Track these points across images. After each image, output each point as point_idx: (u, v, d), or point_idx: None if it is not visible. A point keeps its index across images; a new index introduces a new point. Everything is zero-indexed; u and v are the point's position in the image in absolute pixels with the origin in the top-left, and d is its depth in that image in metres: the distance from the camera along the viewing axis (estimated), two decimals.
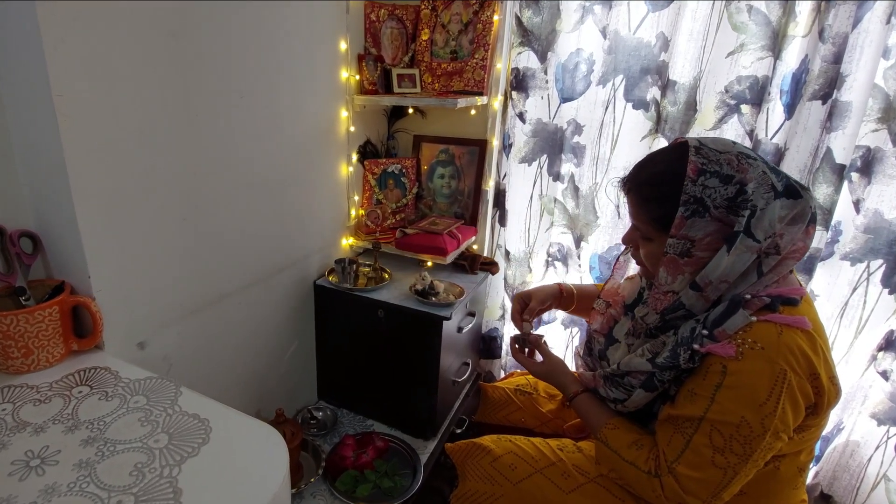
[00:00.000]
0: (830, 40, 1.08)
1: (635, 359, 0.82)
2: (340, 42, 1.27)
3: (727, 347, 0.71)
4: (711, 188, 0.72)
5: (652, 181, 0.78)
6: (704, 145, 0.75)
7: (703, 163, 0.73)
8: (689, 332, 0.76)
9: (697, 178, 0.72)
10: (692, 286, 0.76)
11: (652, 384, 0.79)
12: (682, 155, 0.75)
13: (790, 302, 0.73)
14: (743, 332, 0.71)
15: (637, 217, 0.81)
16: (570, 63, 1.35)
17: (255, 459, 0.62)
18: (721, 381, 0.71)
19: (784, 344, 0.69)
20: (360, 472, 1.17)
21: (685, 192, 0.73)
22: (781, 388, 0.67)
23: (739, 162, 0.72)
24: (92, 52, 0.72)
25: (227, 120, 0.98)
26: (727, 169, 0.72)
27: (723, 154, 0.73)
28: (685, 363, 0.75)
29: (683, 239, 0.75)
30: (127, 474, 0.58)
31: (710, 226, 0.73)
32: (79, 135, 0.73)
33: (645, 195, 0.79)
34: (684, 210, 0.73)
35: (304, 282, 1.32)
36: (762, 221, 0.70)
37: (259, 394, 1.25)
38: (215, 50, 0.92)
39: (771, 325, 0.70)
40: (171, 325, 0.95)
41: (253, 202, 1.09)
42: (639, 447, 0.80)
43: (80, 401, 0.70)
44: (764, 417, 0.68)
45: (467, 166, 1.50)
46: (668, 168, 0.76)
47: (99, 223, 0.78)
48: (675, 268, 0.77)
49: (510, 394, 1.18)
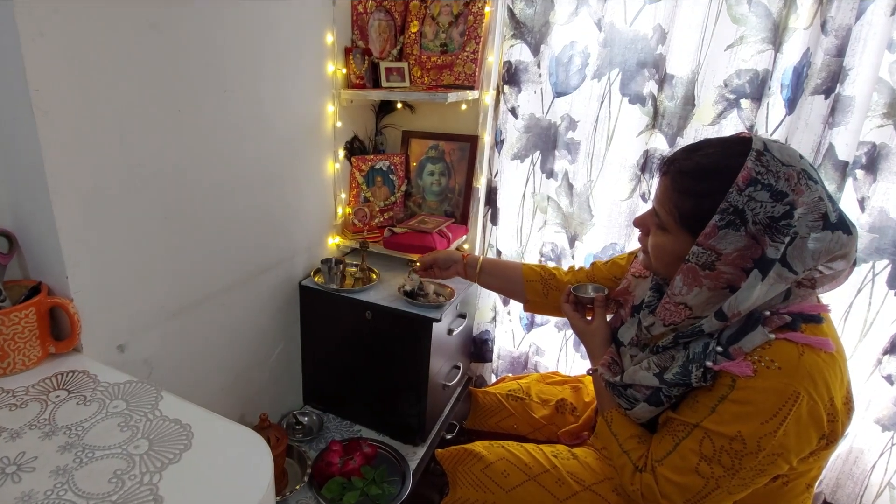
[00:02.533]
0: (833, 33, 1.10)
1: (641, 372, 0.81)
2: (327, 35, 1.29)
3: (743, 366, 0.69)
4: (757, 202, 0.68)
5: (696, 172, 0.73)
6: (769, 151, 0.69)
7: (759, 171, 0.68)
8: (701, 347, 0.74)
9: (746, 187, 0.68)
10: (718, 315, 0.72)
11: (658, 399, 0.79)
12: (740, 153, 0.70)
13: (813, 319, 0.70)
14: (761, 349, 0.69)
15: (662, 204, 0.77)
16: (564, 56, 1.37)
17: (238, 466, 0.63)
18: (727, 394, 0.70)
19: (804, 366, 0.67)
20: (347, 479, 1.19)
21: (727, 199, 0.69)
22: (789, 410, 0.66)
23: (799, 180, 0.67)
24: (70, 45, 0.74)
25: (210, 115, 1.00)
26: (783, 185, 0.67)
27: (784, 167, 0.68)
28: (697, 381, 0.73)
29: (710, 250, 0.71)
30: (106, 481, 0.58)
31: (742, 241, 0.69)
32: (56, 130, 0.74)
33: (681, 185, 0.74)
34: (720, 218, 0.69)
35: (290, 282, 1.35)
36: (802, 252, 0.66)
37: (243, 398, 1.27)
38: (198, 43, 0.94)
39: (792, 344, 0.68)
40: (151, 327, 0.97)
41: (236, 200, 1.11)
42: (640, 441, 0.82)
43: (58, 405, 0.71)
44: (761, 437, 0.67)
45: (458, 163, 1.52)
46: (719, 165, 0.71)
47: (77, 222, 0.80)
48: (694, 279, 0.74)
49: (502, 399, 1.19)
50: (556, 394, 1.18)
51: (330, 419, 1.45)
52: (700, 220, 0.71)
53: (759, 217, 0.68)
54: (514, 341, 1.67)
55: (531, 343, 1.64)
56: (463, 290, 1.37)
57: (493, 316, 1.64)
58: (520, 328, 1.64)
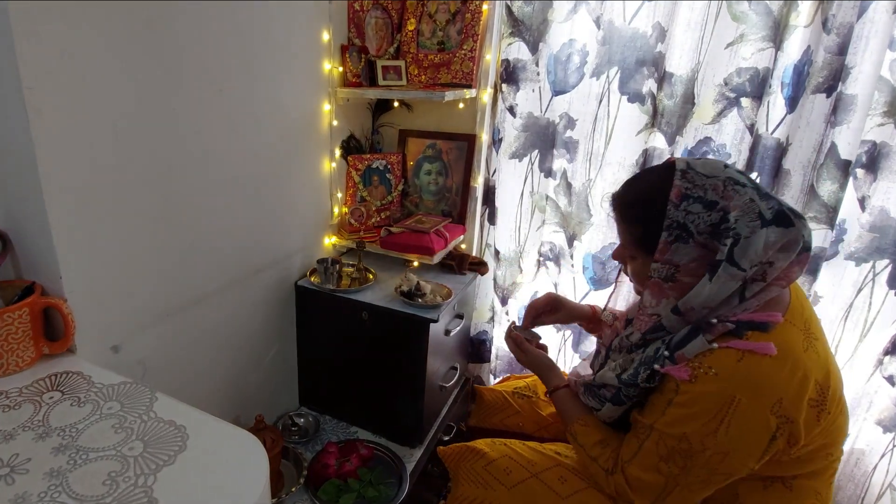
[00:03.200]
0: (834, 31, 1.10)
1: (607, 373, 0.89)
2: (323, 32, 1.29)
3: (682, 371, 0.76)
4: (694, 214, 0.76)
5: (636, 202, 0.83)
6: (692, 168, 0.78)
7: (687, 187, 0.76)
8: (653, 351, 0.83)
9: (680, 202, 0.76)
10: (674, 310, 0.80)
11: (619, 398, 0.86)
12: (669, 176, 0.78)
13: (760, 327, 0.75)
14: (703, 355, 0.76)
15: (621, 236, 0.87)
16: (562, 54, 1.38)
17: (233, 468, 0.63)
18: (672, 398, 0.78)
19: (741, 371, 0.73)
20: (343, 481, 1.20)
21: (668, 216, 0.77)
22: (726, 412, 0.72)
23: (725, 188, 0.75)
24: (64, 43, 0.74)
25: (205, 114, 1.00)
26: (711, 195, 0.76)
27: (709, 179, 0.76)
28: (643, 382, 0.81)
29: (667, 264, 0.79)
30: (100, 483, 0.59)
31: (695, 251, 0.77)
32: (50, 129, 0.74)
33: (629, 216, 0.84)
34: (668, 235, 0.77)
35: (285, 282, 1.35)
36: (747, 250, 0.73)
37: (238, 399, 1.28)
38: (192, 41, 0.94)
39: (731, 351, 0.74)
40: (146, 327, 0.98)
41: (232, 200, 1.11)
42: (604, 446, 0.88)
43: (52, 407, 0.71)
44: (704, 437, 0.74)
45: (455, 162, 1.53)
46: (653, 189, 0.80)
47: (71, 221, 0.80)
48: (660, 292, 0.82)
49: (507, 397, 1.21)
50: None
51: (326, 420, 1.46)
52: (653, 240, 0.79)
53: (701, 227, 0.76)
54: None
55: None
56: (460, 291, 1.38)
57: (492, 316, 1.64)
58: None
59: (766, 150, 1.24)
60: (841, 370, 1.26)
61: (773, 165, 1.25)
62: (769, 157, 1.24)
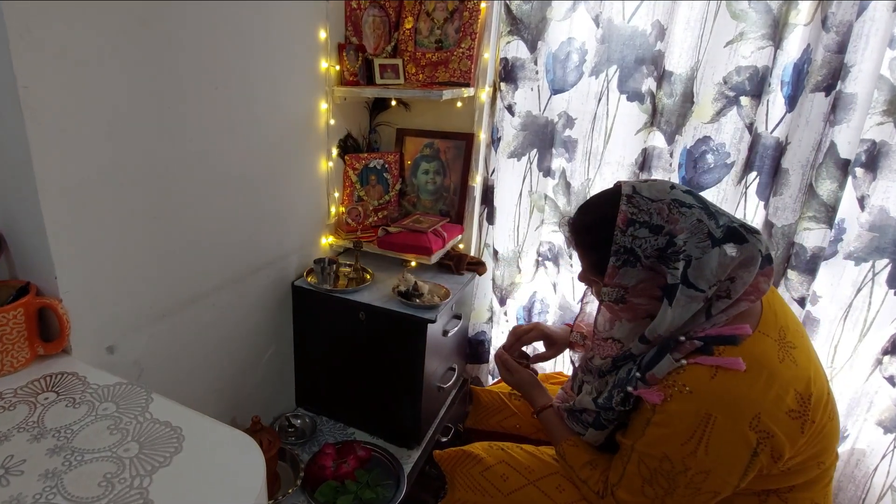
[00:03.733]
0: (834, 29, 1.11)
1: (585, 397, 0.91)
2: (320, 31, 1.29)
3: (654, 394, 0.77)
4: (641, 238, 0.77)
5: (587, 228, 0.85)
6: (637, 193, 0.79)
7: (632, 212, 0.78)
8: (625, 373, 0.83)
9: (627, 228, 0.77)
10: (641, 339, 0.81)
11: (600, 423, 0.87)
12: (616, 202, 0.79)
13: (728, 341, 0.75)
14: (676, 373, 0.76)
15: (580, 261, 0.88)
16: (561, 53, 1.38)
17: (230, 469, 0.63)
18: (650, 418, 0.78)
19: (714, 389, 0.73)
20: (340, 483, 1.20)
21: (615, 241, 0.78)
22: (704, 430, 0.73)
23: (671, 211, 0.76)
24: (59, 41, 0.75)
25: (201, 113, 1.00)
26: (657, 219, 0.76)
27: (654, 203, 0.77)
28: (617, 405, 0.82)
29: (617, 287, 0.81)
30: (96, 485, 0.59)
31: (642, 274, 0.78)
32: (45, 128, 0.75)
33: (581, 242, 0.86)
34: (615, 260, 0.79)
35: (282, 283, 1.35)
36: (702, 271, 0.73)
37: (234, 400, 1.28)
38: (188, 39, 0.95)
39: (704, 368, 0.74)
40: (141, 328, 0.98)
41: (228, 199, 1.12)
42: (593, 467, 0.88)
43: (47, 408, 0.71)
44: (685, 456, 0.74)
45: (453, 161, 1.53)
46: (602, 215, 0.81)
47: (66, 221, 0.80)
48: (612, 314, 0.84)
49: (505, 398, 1.21)
50: None
51: (323, 422, 1.46)
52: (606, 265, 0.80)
53: (648, 251, 0.77)
54: None
55: None
56: (458, 291, 1.38)
57: (490, 316, 1.65)
58: None
59: (766, 150, 1.25)
60: (840, 371, 1.29)
61: (773, 165, 1.25)
62: (768, 156, 1.25)
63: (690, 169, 1.32)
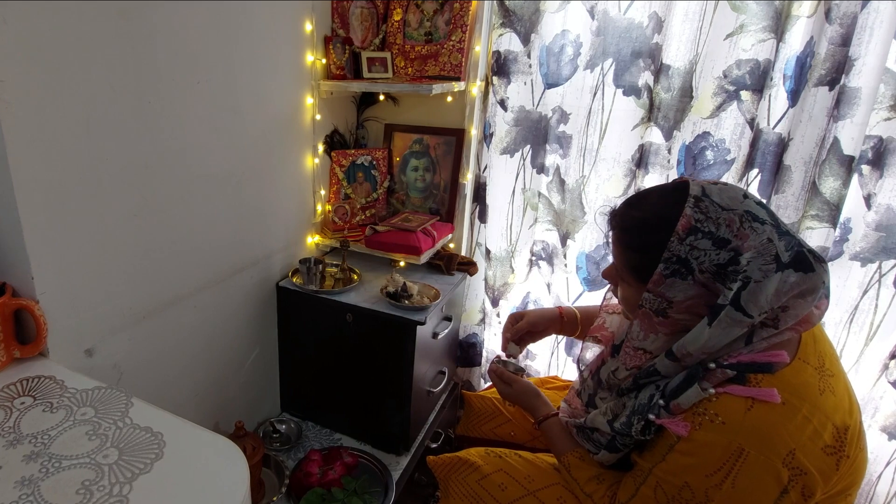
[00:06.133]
0: (838, 21, 1.10)
1: (598, 417, 0.85)
2: (305, 23, 1.29)
3: (680, 425, 0.72)
4: (701, 250, 0.70)
5: (636, 227, 0.77)
6: (707, 196, 0.71)
7: (698, 219, 0.70)
8: (647, 398, 0.78)
9: (687, 236, 0.70)
10: (668, 355, 0.75)
11: (614, 446, 0.82)
12: (678, 202, 0.72)
13: (763, 368, 0.70)
14: (706, 401, 0.71)
15: (616, 258, 0.81)
16: (555, 46, 1.37)
17: (212, 476, 0.63)
18: (673, 444, 0.73)
19: (749, 422, 0.68)
20: (326, 490, 1.20)
21: (669, 248, 0.71)
22: (733, 464, 0.68)
23: (742, 225, 0.69)
24: (35, 34, 0.74)
25: (182, 108, 1.00)
26: (724, 231, 0.70)
27: (725, 212, 0.70)
28: (637, 434, 0.77)
29: (660, 297, 0.74)
30: (73, 492, 0.59)
31: (692, 289, 0.72)
32: (21, 123, 0.74)
33: (626, 241, 0.78)
34: (664, 268, 0.72)
35: (266, 283, 1.35)
36: (756, 296, 0.67)
37: (217, 405, 1.28)
38: (169, 32, 0.94)
39: (738, 399, 0.69)
40: (121, 330, 0.98)
41: (210, 197, 1.11)
42: (599, 481, 0.85)
43: (23, 413, 0.71)
44: (708, 488, 0.70)
45: (443, 158, 1.53)
46: (658, 215, 0.74)
47: (43, 220, 0.80)
48: (649, 325, 0.77)
49: (498, 404, 1.20)
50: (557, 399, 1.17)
51: (309, 427, 1.46)
52: (650, 271, 0.74)
53: (705, 265, 0.70)
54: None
55: None
56: (449, 292, 1.38)
57: (482, 318, 1.65)
58: None
59: (768, 146, 1.24)
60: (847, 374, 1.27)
61: (775, 161, 1.24)
62: (770, 152, 1.24)
63: (689, 166, 1.32)
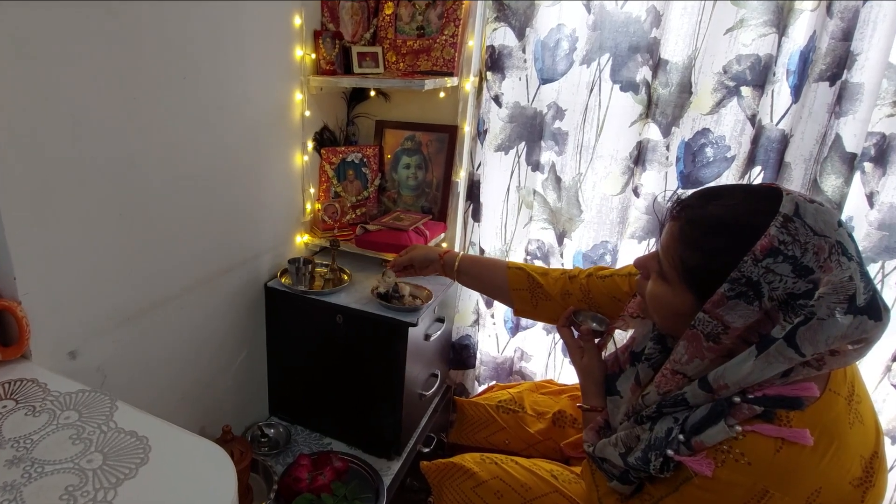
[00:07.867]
0: (838, 15, 1.09)
1: (608, 448, 0.81)
2: (294, 17, 1.28)
3: (703, 464, 0.67)
4: (777, 275, 0.62)
5: (708, 226, 0.68)
6: (800, 217, 0.63)
7: (784, 241, 0.62)
8: (664, 432, 0.72)
9: (765, 257, 0.62)
10: (702, 384, 0.69)
11: (627, 479, 0.79)
12: (766, 212, 0.64)
13: (791, 404, 0.65)
14: (733, 439, 0.66)
15: (667, 252, 0.72)
16: (550, 40, 1.37)
17: (199, 482, 0.64)
18: (690, 477, 0.69)
19: (779, 465, 0.63)
20: (316, 496, 1.19)
21: (741, 269, 0.63)
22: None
23: (830, 255, 0.62)
24: (17, 29, 0.74)
25: (168, 104, 1.00)
26: (810, 259, 0.62)
27: (816, 237, 0.62)
28: (655, 472, 0.72)
29: (717, 320, 0.66)
30: (57, 498, 0.59)
31: (753, 316, 0.65)
32: (3, 120, 0.74)
33: (690, 236, 0.69)
34: (729, 288, 0.64)
35: (254, 284, 1.35)
36: (815, 335, 0.61)
37: (204, 409, 1.28)
38: (155, 27, 0.94)
39: (767, 439, 0.64)
40: (105, 332, 0.97)
41: (197, 195, 1.11)
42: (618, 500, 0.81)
43: (5, 416, 0.71)
44: None
45: (435, 155, 1.52)
46: (739, 219, 0.66)
47: (26, 219, 0.80)
48: (696, 349, 0.70)
49: (492, 412, 1.19)
50: (552, 405, 1.17)
51: (298, 431, 1.45)
52: (706, 279, 0.67)
53: (778, 293, 0.63)
54: (497, 346, 1.67)
55: (516, 348, 1.65)
56: (441, 292, 1.37)
57: (476, 319, 1.64)
58: (504, 332, 1.64)
59: (770, 143, 1.23)
60: None
61: (777, 159, 1.24)
62: (773, 149, 1.23)
63: (689, 163, 1.31)
